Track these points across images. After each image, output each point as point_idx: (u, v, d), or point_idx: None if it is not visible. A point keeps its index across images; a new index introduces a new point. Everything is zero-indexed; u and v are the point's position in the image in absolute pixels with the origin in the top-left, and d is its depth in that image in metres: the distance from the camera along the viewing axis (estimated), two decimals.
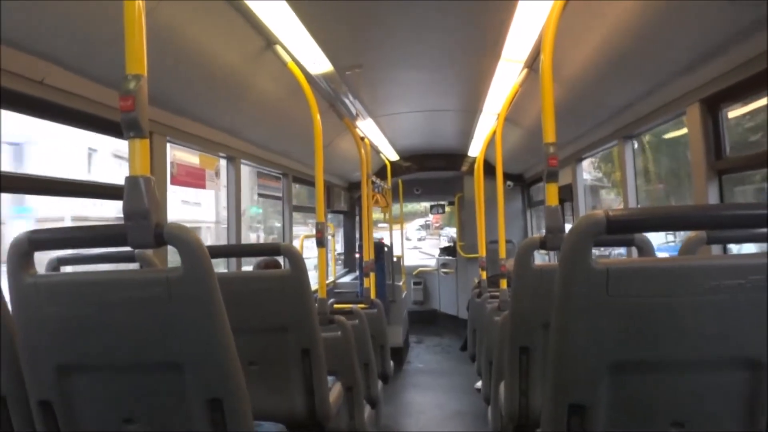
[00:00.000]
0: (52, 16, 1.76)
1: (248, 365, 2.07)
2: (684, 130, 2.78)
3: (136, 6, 1.20)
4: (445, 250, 9.18)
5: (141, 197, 1.17)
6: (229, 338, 1.22)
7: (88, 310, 1.22)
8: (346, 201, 7.89)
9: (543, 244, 1.88)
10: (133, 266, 2.03)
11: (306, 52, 3.01)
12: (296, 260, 2.01)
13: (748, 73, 2.11)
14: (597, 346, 1.11)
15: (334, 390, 2.42)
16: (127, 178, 1.19)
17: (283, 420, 1.95)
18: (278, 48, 2.84)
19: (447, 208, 9.97)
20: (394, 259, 7.26)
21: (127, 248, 1.23)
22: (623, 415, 1.16)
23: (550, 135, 1.98)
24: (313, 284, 2.67)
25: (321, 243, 2.95)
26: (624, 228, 1.07)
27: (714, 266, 1.09)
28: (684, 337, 1.11)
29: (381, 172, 7.39)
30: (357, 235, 8.13)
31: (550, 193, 1.98)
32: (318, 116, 3.04)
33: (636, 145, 3.62)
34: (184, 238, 1.16)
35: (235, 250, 3.19)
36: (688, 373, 1.14)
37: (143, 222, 1.16)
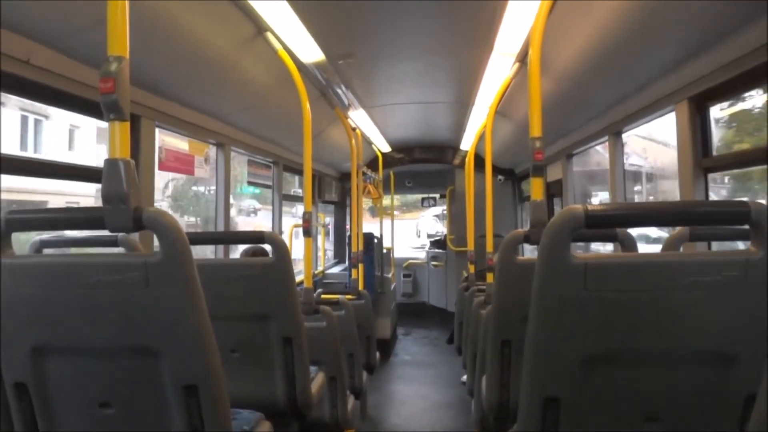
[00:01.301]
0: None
1: (230, 352, 2.07)
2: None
3: None
4: (435, 243, 9.20)
5: (120, 180, 1.16)
6: (206, 325, 1.22)
7: (65, 292, 1.21)
8: (337, 191, 7.88)
9: (527, 239, 1.88)
10: (118, 251, 2.02)
11: (297, 41, 2.99)
12: (280, 249, 2.00)
13: (734, 71, 2.12)
14: (573, 340, 1.12)
15: (317, 379, 2.42)
16: (107, 161, 1.17)
17: (263, 408, 1.95)
18: (269, 35, 2.81)
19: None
20: (384, 250, 7.26)
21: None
22: (598, 409, 1.17)
23: (536, 129, 1.98)
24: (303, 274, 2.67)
25: (308, 233, 2.95)
26: (602, 222, 1.08)
27: (690, 262, 1.10)
28: (660, 332, 1.12)
29: (373, 164, 7.38)
30: (348, 226, 8.12)
31: (536, 188, 1.99)
32: (308, 105, 3.02)
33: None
34: (163, 223, 1.16)
35: (217, 237, 3.17)
36: (663, 367, 1.15)
37: (121, 206, 1.15)
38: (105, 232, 1.28)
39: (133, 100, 2.64)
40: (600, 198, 5.27)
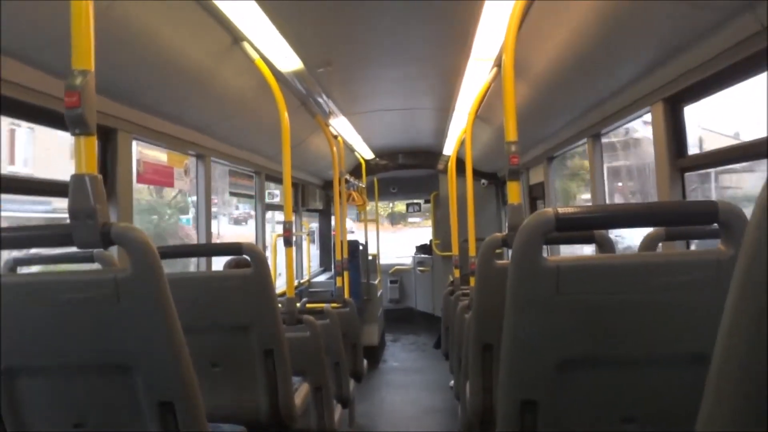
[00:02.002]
0: (5, 5, 1.71)
1: (211, 366, 2.05)
2: None
3: None
4: (421, 248, 9.20)
5: (87, 196, 1.14)
6: (179, 340, 1.20)
7: (36, 311, 1.19)
8: (322, 199, 7.86)
9: (505, 242, 1.89)
10: (95, 266, 1.99)
11: (275, 50, 2.98)
12: (259, 260, 1.99)
13: (707, 72, 2.14)
14: (548, 343, 1.12)
15: (301, 390, 2.40)
16: (73, 177, 1.15)
17: (246, 421, 1.93)
18: (245, 45, 2.80)
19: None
20: (370, 257, 7.25)
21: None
22: (575, 411, 1.17)
23: (511, 134, 1.99)
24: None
25: (288, 242, 2.93)
26: (573, 225, 1.08)
27: (662, 263, 1.10)
28: (635, 333, 1.12)
29: (356, 171, 7.38)
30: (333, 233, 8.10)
31: (512, 191, 1.99)
32: (286, 114, 3.01)
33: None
34: (131, 238, 1.14)
35: (193, 250, 3.13)
36: (640, 369, 1.16)
37: (89, 222, 1.13)
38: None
39: (110, 114, 2.63)
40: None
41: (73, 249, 1.75)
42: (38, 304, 1.19)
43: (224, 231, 9.51)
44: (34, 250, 2.07)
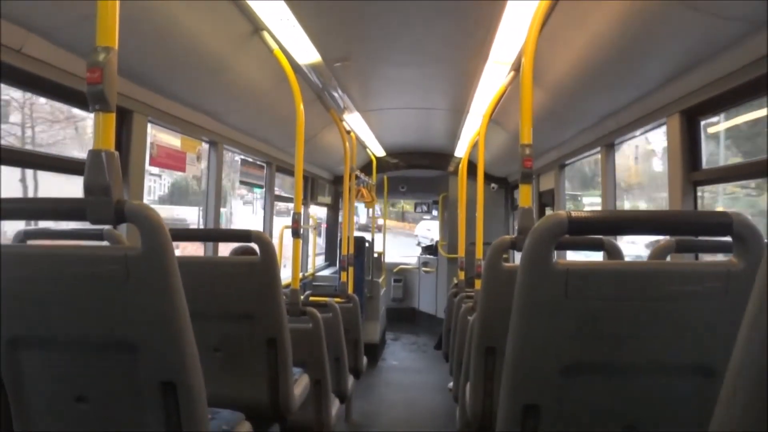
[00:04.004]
0: None
1: (213, 351, 2.06)
2: None
3: None
4: (426, 249, 9.19)
5: (102, 172, 1.15)
6: (185, 321, 1.21)
7: (43, 283, 1.20)
8: (331, 194, 7.87)
9: (514, 245, 1.88)
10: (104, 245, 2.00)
11: (293, 41, 2.99)
12: (267, 249, 1.99)
13: (726, 86, 2.13)
14: (552, 347, 1.11)
15: (300, 382, 2.41)
16: (90, 152, 1.16)
17: (245, 408, 1.94)
18: (265, 34, 2.81)
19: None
20: (375, 255, 7.25)
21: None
22: (577, 417, 1.16)
23: (526, 136, 1.98)
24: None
25: (297, 233, 2.94)
26: (586, 229, 1.08)
27: (672, 272, 1.10)
28: (640, 341, 1.12)
29: (367, 168, 7.38)
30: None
31: (524, 194, 1.99)
32: (301, 106, 3.01)
33: None
34: (144, 216, 1.15)
35: (202, 234, 3.14)
36: (644, 377, 1.15)
37: (103, 198, 1.14)
38: (90, 225, 1.27)
39: (127, 95, 2.64)
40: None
41: (84, 225, 1.77)
42: (45, 276, 1.19)
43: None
44: (44, 224, 2.09)
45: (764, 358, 0.42)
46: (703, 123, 2.48)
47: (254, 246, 2.68)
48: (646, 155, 4.91)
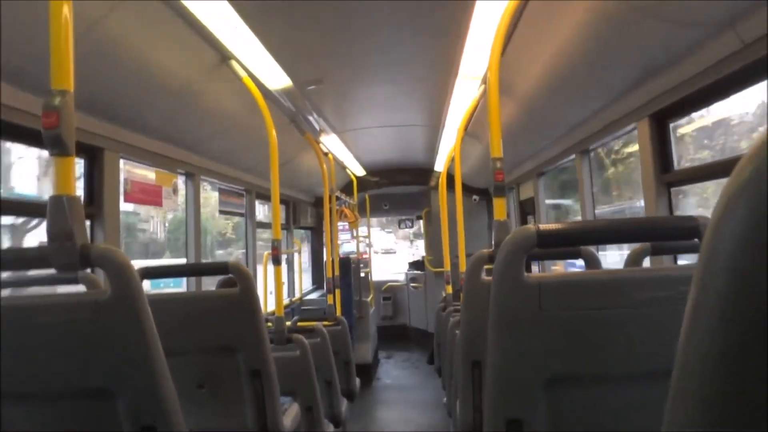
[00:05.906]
0: None
1: (197, 388, 2.02)
2: None
3: (63, 16, 1.14)
4: (413, 265, 9.17)
5: (65, 217, 1.12)
6: (161, 363, 1.18)
7: (13, 335, 1.16)
8: (313, 216, 7.84)
9: (492, 259, 1.88)
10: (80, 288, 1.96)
11: (263, 68, 2.99)
12: (245, 279, 1.96)
13: (692, 89, 2.16)
14: (531, 360, 1.11)
15: (291, 411, 2.37)
16: (51, 198, 1.14)
17: None
18: (233, 63, 2.81)
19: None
20: (362, 274, 7.22)
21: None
22: (560, 429, 1.15)
23: (496, 150, 1.99)
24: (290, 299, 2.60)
25: (277, 261, 2.91)
26: (554, 241, 1.07)
27: (646, 278, 1.10)
28: (619, 350, 1.11)
29: (348, 187, 7.38)
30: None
31: (498, 208, 1.99)
32: (274, 132, 3.00)
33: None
34: (111, 260, 1.12)
35: (179, 270, 3.09)
36: (624, 386, 1.14)
37: (67, 243, 1.11)
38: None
39: (97, 133, 2.62)
40: None
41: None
42: (14, 328, 1.16)
43: None
44: (14, 273, 2.04)
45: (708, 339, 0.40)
46: (672, 125, 2.51)
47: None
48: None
